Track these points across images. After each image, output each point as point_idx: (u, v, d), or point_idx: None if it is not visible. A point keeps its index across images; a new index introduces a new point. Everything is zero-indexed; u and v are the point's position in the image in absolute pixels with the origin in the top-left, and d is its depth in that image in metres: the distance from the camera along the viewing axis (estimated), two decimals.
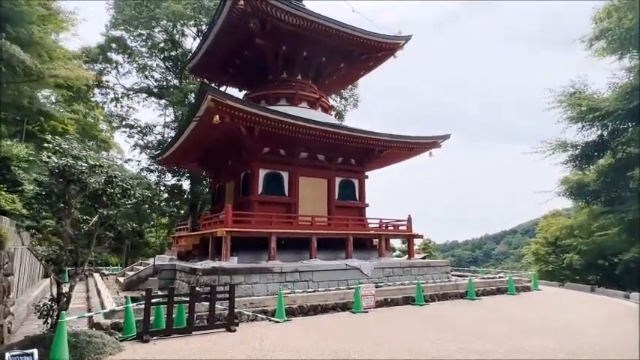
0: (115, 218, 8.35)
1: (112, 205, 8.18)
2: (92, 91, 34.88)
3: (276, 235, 15.03)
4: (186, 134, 16.54)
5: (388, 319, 11.06)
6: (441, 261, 20.01)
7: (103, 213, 7.90)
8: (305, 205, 17.83)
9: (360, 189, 19.79)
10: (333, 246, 17.31)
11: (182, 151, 19.14)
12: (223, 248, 14.11)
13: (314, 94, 20.21)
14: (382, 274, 16.06)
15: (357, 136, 17.35)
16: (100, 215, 7.96)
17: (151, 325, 9.27)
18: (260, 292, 13.02)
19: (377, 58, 21.08)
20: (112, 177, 8.01)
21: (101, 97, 37.86)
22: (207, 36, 19.07)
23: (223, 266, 12.97)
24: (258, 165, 16.98)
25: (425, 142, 19.08)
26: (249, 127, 15.62)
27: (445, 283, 15.99)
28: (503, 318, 11.24)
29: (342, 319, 11.12)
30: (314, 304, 12.10)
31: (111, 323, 9.22)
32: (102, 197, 7.85)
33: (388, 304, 13.31)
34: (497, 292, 16.55)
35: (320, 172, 18.74)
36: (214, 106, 13.62)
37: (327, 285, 14.37)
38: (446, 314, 11.82)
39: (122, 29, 34.63)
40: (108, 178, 7.96)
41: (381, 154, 19.62)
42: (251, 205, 16.53)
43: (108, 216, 8.15)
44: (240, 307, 11.10)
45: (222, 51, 19.53)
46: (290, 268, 13.93)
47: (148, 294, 8.85)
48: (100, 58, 35.72)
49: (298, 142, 17.45)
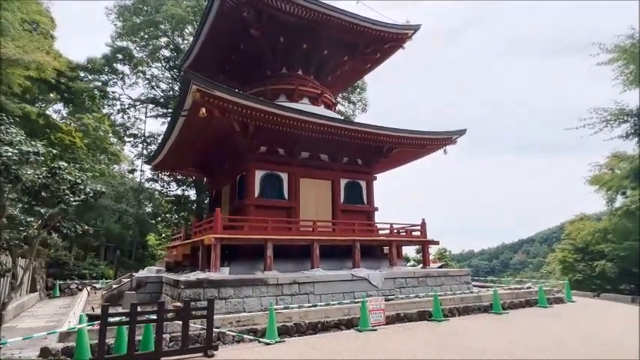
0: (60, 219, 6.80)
1: (57, 203, 6.66)
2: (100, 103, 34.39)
3: (272, 242, 13.33)
4: (176, 133, 15.11)
5: (401, 339, 9.22)
6: (460, 270, 18.01)
7: (41, 212, 6.36)
8: (307, 209, 16.16)
9: (367, 191, 18.03)
10: (338, 255, 15.55)
11: (175, 154, 17.72)
12: (212, 257, 12.48)
13: (315, 90, 18.67)
14: (394, 285, 14.19)
15: (364, 131, 15.67)
16: (39, 215, 6.42)
17: (111, 350, 7.68)
18: (253, 307, 11.32)
19: (383, 50, 19.50)
20: (56, 169, 6.50)
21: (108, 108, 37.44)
22: (201, 31, 17.77)
23: (210, 278, 11.32)
24: (254, 166, 15.41)
25: (439, 138, 17.29)
26: (243, 122, 14.10)
27: (466, 294, 14.04)
28: (544, 339, 9.28)
29: (345, 339, 9.32)
30: (313, 321, 10.35)
31: (62, 348, 7.62)
32: (41, 193, 6.32)
33: (401, 319, 11.48)
34: (525, 304, 14.55)
35: (323, 173, 17.08)
36: (200, 97, 12.15)
37: (331, 298, 12.61)
38: (471, 333, 9.90)
39: (128, 40, 34.10)
40: (50, 170, 6.45)
41: (391, 152, 17.88)
42: (246, 209, 14.92)
43: (51, 216, 6.62)
44: (225, 325, 9.43)
45: (217, 46, 18.22)
46: (287, 279, 12.20)
47: (103, 312, 7.24)
48: (105, 69, 35.27)
49: (298, 140, 15.87)
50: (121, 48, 35.00)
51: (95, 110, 34.93)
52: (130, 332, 7.32)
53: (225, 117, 13.35)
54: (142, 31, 34.34)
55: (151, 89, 36.68)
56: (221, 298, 11.08)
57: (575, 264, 25.51)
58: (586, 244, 24.78)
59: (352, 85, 30.40)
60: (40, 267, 20.36)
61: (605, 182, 22.12)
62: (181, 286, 10.86)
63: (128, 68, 35.31)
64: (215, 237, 12.49)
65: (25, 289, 17.48)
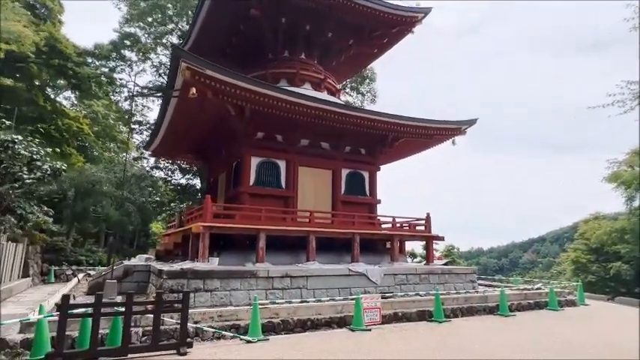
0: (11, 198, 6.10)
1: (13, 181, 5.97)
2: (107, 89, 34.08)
3: (265, 232, 12.58)
4: (169, 116, 14.41)
5: (395, 340, 8.42)
6: (465, 268, 17.09)
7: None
8: (305, 200, 15.37)
9: (370, 182, 17.14)
10: (338, 248, 14.78)
11: (170, 139, 17.04)
12: (200, 247, 11.77)
13: (318, 75, 17.75)
14: (394, 281, 13.35)
15: (368, 118, 14.80)
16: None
17: (75, 344, 7.03)
18: (240, 300, 10.60)
19: (391, 34, 18.46)
20: (9, 142, 5.80)
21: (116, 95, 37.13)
22: (199, 11, 16.89)
23: (195, 268, 10.62)
24: (249, 152, 14.62)
25: (447, 128, 16.28)
26: (238, 105, 13.31)
27: (471, 294, 13.14)
28: (553, 347, 8.40)
29: (335, 339, 8.56)
30: (302, 318, 9.59)
31: (22, 339, 6.99)
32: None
33: (398, 319, 10.68)
34: (534, 306, 13.64)
35: (324, 161, 16.24)
36: (191, 76, 11.39)
37: (325, 294, 11.83)
38: (474, 336, 9.06)
39: (136, 26, 33.54)
40: (2, 144, 5.75)
41: (396, 142, 16.95)
42: (241, 197, 14.19)
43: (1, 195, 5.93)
44: (205, 319, 8.73)
45: (216, 29, 17.33)
46: (279, 272, 11.45)
47: (63, 301, 6.56)
48: (112, 55, 34.82)
49: (297, 126, 15.03)
50: (129, 34, 34.43)
51: (102, 97, 34.66)
52: (94, 325, 6.64)
53: (218, 99, 12.58)
54: (149, 16, 33.75)
55: (158, 77, 36.15)
56: (206, 291, 10.39)
57: (588, 265, 24.36)
58: (601, 244, 23.57)
59: (359, 73, 29.23)
60: (35, 252, 19.97)
61: (623, 180, 20.85)
62: (164, 277, 10.18)
63: (135, 55, 34.79)
64: (204, 225, 11.78)
65: (16, 273, 17.12)
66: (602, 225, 24.31)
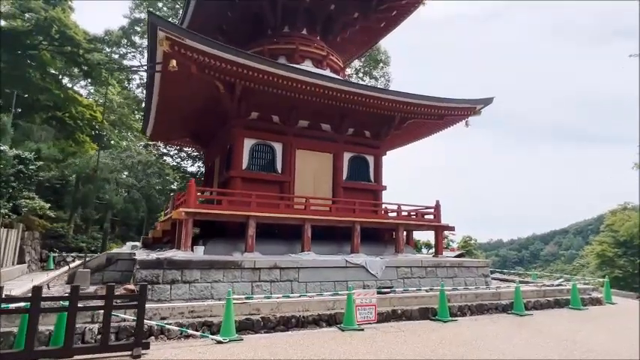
0: None
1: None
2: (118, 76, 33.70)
3: (255, 219, 11.55)
4: (156, 95, 13.42)
5: (387, 344, 7.28)
6: (478, 261, 15.73)
7: None
8: (303, 185, 14.28)
9: (375, 168, 15.87)
10: (338, 239, 13.71)
11: (164, 122, 16.14)
12: (183, 234, 10.84)
13: (320, 51, 16.44)
14: (396, 275, 12.17)
15: (373, 96, 13.49)
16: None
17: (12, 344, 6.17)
18: (223, 293, 9.62)
19: (401, 7, 17.01)
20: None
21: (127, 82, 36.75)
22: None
23: (172, 258, 9.68)
24: (242, 133, 13.56)
25: (460, 107, 14.82)
26: (228, 82, 12.21)
27: (482, 290, 11.84)
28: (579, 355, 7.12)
29: (320, 340, 7.47)
30: (287, 315, 8.55)
31: None
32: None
33: (397, 317, 9.54)
34: (554, 304, 12.27)
35: (324, 144, 15.06)
36: (170, 47, 10.34)
37: (319, 288, 10.79)
38: (480, 340, 7.83)
39: (145, 11, 32.81)
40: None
41: (404, 123, 15.60)
42: (232, 182, 13.17)
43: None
44: (174, 315, 7.77)
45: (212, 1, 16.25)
46: (267, 263, 10.42)
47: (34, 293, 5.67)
48: (123, 41, 34.29)
49: (295, 106, 13.90)
50: (139, 19, 33.83)
51: (112, 84, 34.21)
52: (30, 322, 5.74)
53: (205, 74, 11.52)
54: (159, 1, 33.00)
55: None
56: (185, 282, 9.47)
57: (615, 259, 22.52)
58: (630, 237, 21.69)
59: (366, 52, 27.51)
60: (33, 238, 19.59)
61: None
62: (137, 266, 9.29)
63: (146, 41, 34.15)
64: (186, 211, 10.81)
65: (11, 260, 16.70)
66: (631, 216, 22.35)
